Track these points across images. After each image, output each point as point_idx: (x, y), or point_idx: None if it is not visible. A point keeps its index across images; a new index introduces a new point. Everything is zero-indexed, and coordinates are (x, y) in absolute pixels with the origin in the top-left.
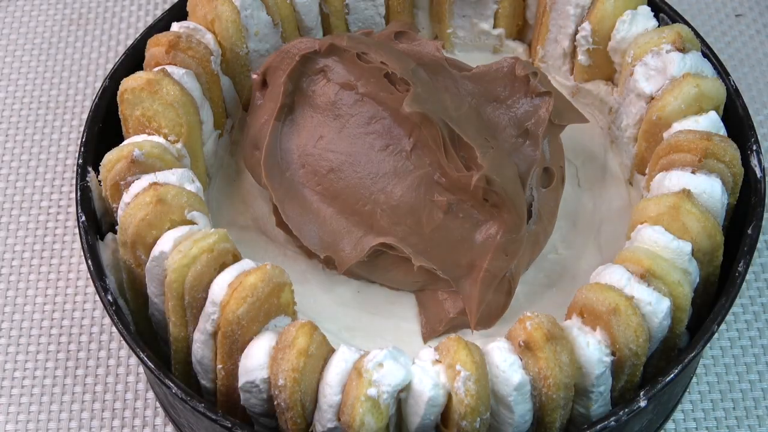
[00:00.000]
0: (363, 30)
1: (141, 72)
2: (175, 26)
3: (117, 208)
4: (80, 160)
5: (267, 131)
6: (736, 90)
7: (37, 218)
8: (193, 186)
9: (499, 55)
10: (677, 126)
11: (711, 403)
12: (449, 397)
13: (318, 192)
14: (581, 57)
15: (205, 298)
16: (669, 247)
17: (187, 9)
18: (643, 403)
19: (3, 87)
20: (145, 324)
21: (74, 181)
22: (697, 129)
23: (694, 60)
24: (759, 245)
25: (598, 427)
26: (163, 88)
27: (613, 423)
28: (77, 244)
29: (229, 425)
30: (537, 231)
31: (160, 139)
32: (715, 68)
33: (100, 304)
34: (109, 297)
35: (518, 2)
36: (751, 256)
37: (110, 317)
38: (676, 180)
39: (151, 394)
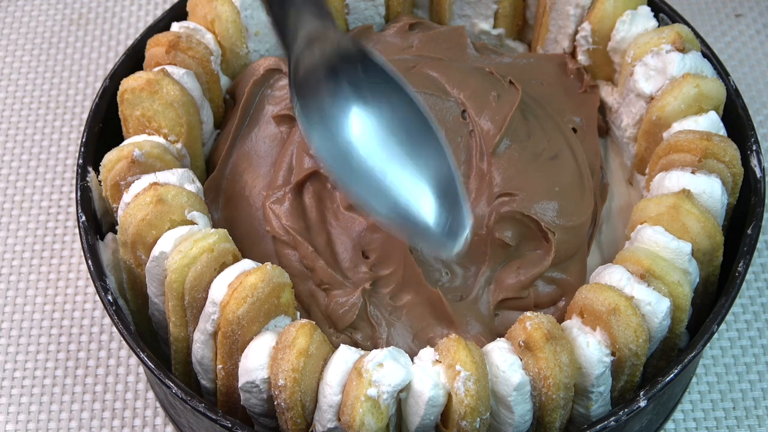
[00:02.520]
0: (361, 26)
1: (141, 72)
2: (175, 26)
3: (117, 208)
4: (80, 160)
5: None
6: (736, 90)
7: (37, 218)
8: (193, 186)
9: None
10: (677, 126)
11: (711, 403)
12: (449, 397)
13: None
14: (581, 57)
15: (205, 298)
16: (669, 247)
17: (187, 9)
18: (643, 403)
19: (3, 87)
20: (145, 324)
21: (74, 181)
22: (696, 129)
23: (694, 60)
24: (759, 245)
25: (598, 427)
26: (163, 88)
27: (613, 423)
28: (77, 244)
29: (229, 425)
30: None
31: (160, 139)
32: (715, 68)
33: (100, 304)
34: (109, 297)
35: (518, 2)
36: (751, 256)
37: (110, 317)
38: (676, 180)
39: (151, 394)
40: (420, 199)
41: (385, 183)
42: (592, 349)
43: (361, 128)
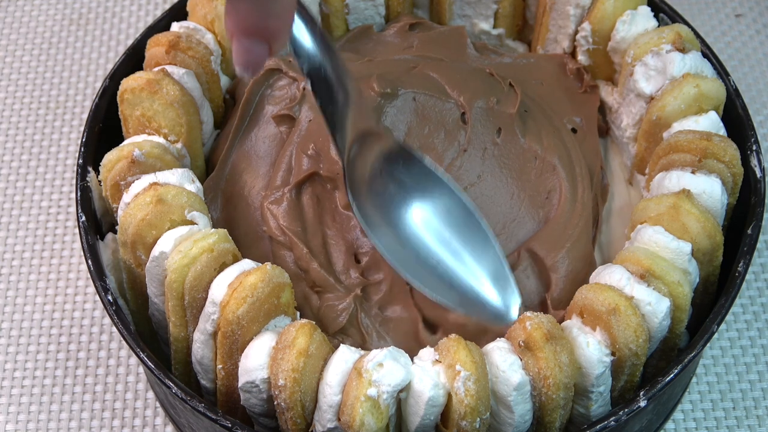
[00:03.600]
0: (361, 26)
1: (141, 72)
2: (175, 26)
3: (117, 208)
4: (80, 160)
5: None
6: (736, 90)
7: (37, 218)
8: (193, 186)
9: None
10: (677, 126)
11: (711, 403)
12: (449, 397)
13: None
14: (581, 57)
15: (205, 298)
16: (669, 247)
17: (187, 9)
18: (643, 403)
19: (3, 87)
20: (145, 324)
21: (74, 181)
22: (696, 129)
23: (694, 60)
24: (759, 245)
25: (598, 427)
26: (163, 88)
27: (613, 423)
28: (77, 244)
29: (229, 425)
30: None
31: (160, 139)
32: (715, 68)
33: (100, 304)
34: (109, 297)
35: (518, 2)
36: (751, 256)
37: (110, 317)
38: (675, 180)
39: (151, 394)
40: (481, 285)
41: (448, 274)
42: (592, 349)
43: (416, 223)
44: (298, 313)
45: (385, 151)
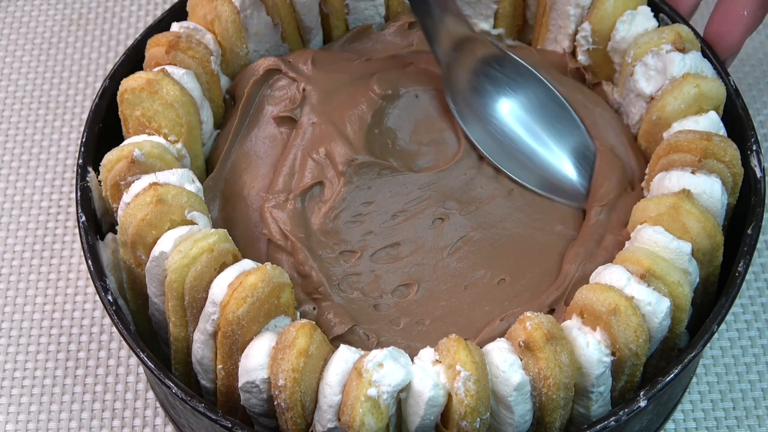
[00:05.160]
0: (361, 26)
1: (141, 72)
2: (175, 26)
3: (117, 208)
4: (80, 160)
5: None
6: (736, 90)
7: (37, 218)
8: (193, 186)
9: None
10: (677, 126)
11: (711, 403)
12: (449, 397)
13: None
14: (581, 57)
15: (205, 298)
16: (669, 247)
17: (187, 9)
18: (643, 403)
19: (3, 87)
20: (145, 324)
21: (74, 181)
22: (697, 129)
23: (694, 60)
24: (759, 245)
25: (598, 427)
26: (163, 88)
27: (613, 423)
28: (77, 244)
29: (229, 425)
30: None
31: (160, 139)
32: (715, 68)
33: (100, 304)
34: (109, 297)
35: (518, 2)
36: (751, 256)
37: (110, 317)
38: (676, 180)
39: (151, 394)
40: (563, 166)
41: (532, 158)
42: (592, 349)
43: (506, 116)
44: (298, 313)
45: (479, 55)
